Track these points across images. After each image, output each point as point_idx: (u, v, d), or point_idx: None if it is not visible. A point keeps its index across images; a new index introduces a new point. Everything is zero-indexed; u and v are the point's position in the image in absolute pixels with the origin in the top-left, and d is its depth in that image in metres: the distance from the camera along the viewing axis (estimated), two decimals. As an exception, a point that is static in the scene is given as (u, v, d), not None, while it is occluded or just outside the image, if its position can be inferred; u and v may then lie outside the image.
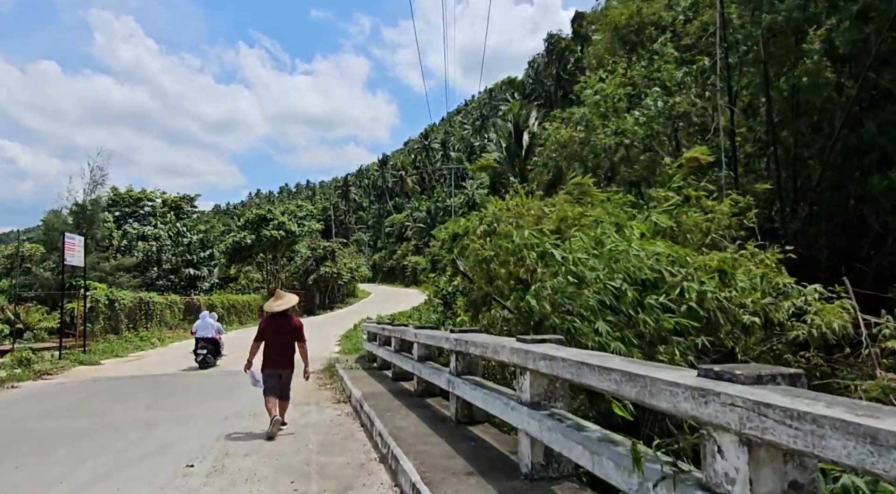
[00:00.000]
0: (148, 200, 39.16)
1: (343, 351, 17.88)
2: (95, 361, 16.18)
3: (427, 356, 7.25)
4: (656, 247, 4.06)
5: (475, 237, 8.45)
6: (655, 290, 3.91)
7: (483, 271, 8.33)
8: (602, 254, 3.97)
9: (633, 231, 4.21)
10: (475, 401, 4.63)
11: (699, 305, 3.89)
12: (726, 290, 4.17)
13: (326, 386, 10.46)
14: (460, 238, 9.97)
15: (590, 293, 3.92)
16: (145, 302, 22.72)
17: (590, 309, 3.89)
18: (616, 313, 3.99)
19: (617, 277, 4.19)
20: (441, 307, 11.70)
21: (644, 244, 4.06)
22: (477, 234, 8.59)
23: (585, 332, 3.79)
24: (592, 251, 4.09)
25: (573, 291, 3.97)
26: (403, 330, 8.12)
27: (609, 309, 3.88)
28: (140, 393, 10.36)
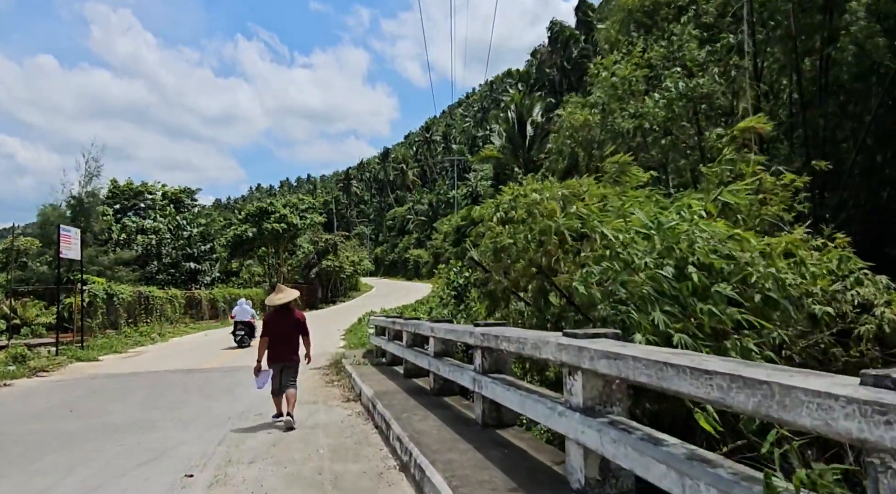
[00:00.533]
0: (148, 193, 38.60)
1: (348, 346, 17.39)
2: (93, 357, 15.71)
3: (444, 352, 6.74)
4: (719, 228, 3.52)
5: (492, 224, 7.90)
6: (720, 276, 3.38)
7: (500, 261, 7.80)
8: (659, 235, 3.42)
9: (692, 210, 3.67)
10: (509, 404, 4.11)
11: (769, 293, 3.37)
12: (795, 276, 3.64)
13: (334, 383, 9.96)
14: (474, 226, 9.44)
15: (642, 279, 3.39)
16: (145, 296, 22.23)
17: (642, 297, 3.36)
18: (672, 302, 3.46)
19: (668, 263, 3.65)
20: (453, 300, 11.16)
21: (708, 224, 3.52)
22: (493, 222, 8.05)
23: (642, 324, 3.26)
24: (648, 230, 3.55)
25: (625, 277, 3.43)
26: (418, 324, 7.60)
27: (665, 298, 3.35)
28: (137, 391, 9.87)
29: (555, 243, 6.73)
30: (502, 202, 8.31)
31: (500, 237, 7.70)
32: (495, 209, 8.28)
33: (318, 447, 5.50)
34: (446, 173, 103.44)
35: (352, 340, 18.63)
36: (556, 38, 50.07)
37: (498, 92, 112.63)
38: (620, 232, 3.86)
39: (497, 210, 8.24)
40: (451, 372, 5.75)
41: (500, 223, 7.94)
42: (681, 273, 3.39)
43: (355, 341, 17.98)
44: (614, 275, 3.56)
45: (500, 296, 7.74)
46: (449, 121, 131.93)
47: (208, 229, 37.10)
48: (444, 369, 6.10)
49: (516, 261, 7.27)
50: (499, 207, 8.26)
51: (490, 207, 8.39)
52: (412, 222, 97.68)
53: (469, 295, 11.30)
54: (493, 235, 7.86)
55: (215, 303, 29.32)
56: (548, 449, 4.10)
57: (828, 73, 10.85)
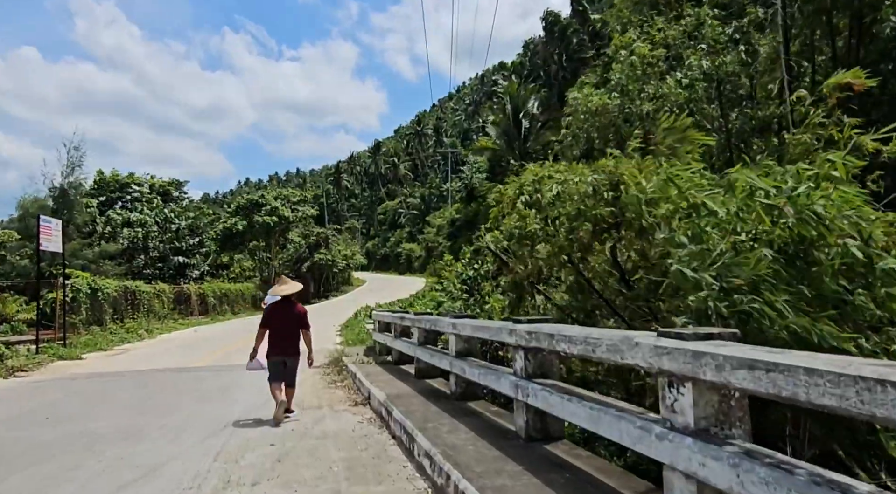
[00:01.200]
0: (135, 185, 37.43)
1: (346, 342, 16.64)
2: (76, 355, 14.84)
3: (467, 351, 6.03)
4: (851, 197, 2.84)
5: (519, 208, 7.18)
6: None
7: (523, 249, 7.10)
8: (793, 204, 2.71)
9: (803, 174, 3.00)
10: (572, 418, 3.40)
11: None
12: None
13: (337, 384, 9.22)
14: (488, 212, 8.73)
15: (764, 259, 2.68)
16: (131, 291, 21.30)
17: (762, 283, 2.65)
18: (797, 289, 2.76)
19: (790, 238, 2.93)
20: (465, 294, 10.42)
21: (844, 194, 2.84)
22: (518, 205, 7.33)
23: (772, 318, 2.55)
24: (768, 198, 2.86)
25: (739, 259, 2.73)
26: (435, 321, 6.87)
27: (789, 284, 2.67)
28: (123, 393, 9.08)
29: (587, 229, 6.03)
30: (525, 184, 7.59)
31: (527, 222, 7.00)
32: (517, 192, 7.55)
33: (331, 463, 4.77)
34: (438, 166, 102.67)
35: (349, 336, 17.88)
36: (551, 28, 49.25)
37: (489, 85, 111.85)
38: (721, 205, 3.16)
39: (520, 193, 7.53)
40: (481, 375, 5.03)
41: (526, 206, 7.24)
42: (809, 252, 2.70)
43: (353, 337, 17.24)
44: (717, 257, 2.86)
45: (525, 288, 7.03)
46: (440, 114, 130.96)
47: (197, 222, 36.09)
48: (470, 371, 5.39)
49: (543, 248, 6.57)
50: (522, 190, 7.54)
51: (511, 190, 7.66)
52: (404, 216, 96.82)
53: (482, 289, 10.58)
54: (517, 220, 7.16)
55: (205, 298, 28.41)
56: (618, 473, 3.40)
57: (859, 52, 10.23)
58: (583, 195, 6.23)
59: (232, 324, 25.56)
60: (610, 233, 6.03)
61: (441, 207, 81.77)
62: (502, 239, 9.70)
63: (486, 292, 9.75)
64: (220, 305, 29.76)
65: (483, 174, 47.09)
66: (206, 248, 36.46)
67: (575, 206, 6.33)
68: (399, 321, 9.14)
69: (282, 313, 6.90)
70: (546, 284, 7.48)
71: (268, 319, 6.88)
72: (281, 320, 6.84)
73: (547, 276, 7.31)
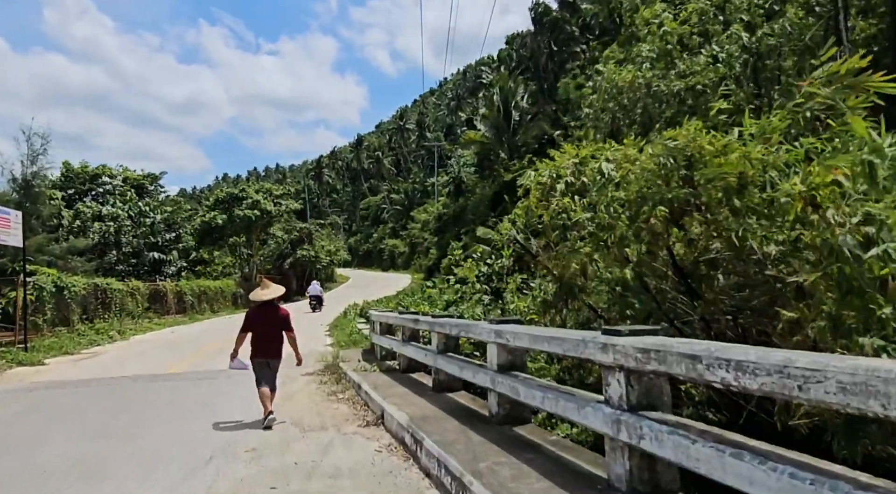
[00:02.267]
0: (108, 177, 35.49)
1: (338, 344, 15.42)
2: (38, 361, 13.39)
3: (511, 364, 4.91)
4: None
5: (557, 195, 6.08)
6: None
7: (571, 243, 6.00)
8: None
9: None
10: (739, 484, 2.30)
11: None
12: None
13: (338, 396, 8.04)
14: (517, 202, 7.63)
15: None
16: (101, 289, 19.73)
17: None
18: None
19: None
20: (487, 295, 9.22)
21: None
22: (556, 192, 6.23)
23: None
24: None
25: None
26: (467, 326, 5.72)
27: None
28: (87, 407, 7.79)
29: (662, 214, 4.96)
30: (562, 167, 6.48)
31: (569, 211, 5.91)
32: (552, 177, 6.44)
33: (356, 518, 3.63)
34: (422, 161, 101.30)
35: (340, 337, 16.65)
36: (540, 20, 48.28)
37: (471, 81, 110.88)
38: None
39: (556, 178, 6.42)
40: (553, 400, 3.89)
41: (567, 194, 6.14)
42: None
43: (345, 338, 16.02)
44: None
45: (573, 289, 5.93)
46: (422, 109, 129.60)
47: (174, 216, 34.35)
48: (528, 393, 4.28)
49: (601, 239, 5.48)
50: (559, 173, 6.43)
51: (545, 175, 6.53)
52: (387, 212, 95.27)
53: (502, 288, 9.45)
54: (559, 209, 6.06)
55: (182, 296, 26.83)
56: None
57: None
58: (649, 174, 5.15)
59: (211, 324, 24.06)
60: (686, 220, 4.98)
61: (425, 203, 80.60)
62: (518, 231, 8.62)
63: (510, 289, 8.62)
64: (198, 304, 28.19)
65: (471, 168, 45.98)
66: (184, 244, 34.71)
67: (638, 189, 5.26)
68: (411, 324, 7.97)
69: (264, 316, 6.80)
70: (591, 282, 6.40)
71: (249, 323, 6.76)
72: (263, 323, 6.76)
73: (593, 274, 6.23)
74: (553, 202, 6.38)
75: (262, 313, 6.84)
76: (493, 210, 40.87)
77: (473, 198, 43.90)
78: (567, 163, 6.20)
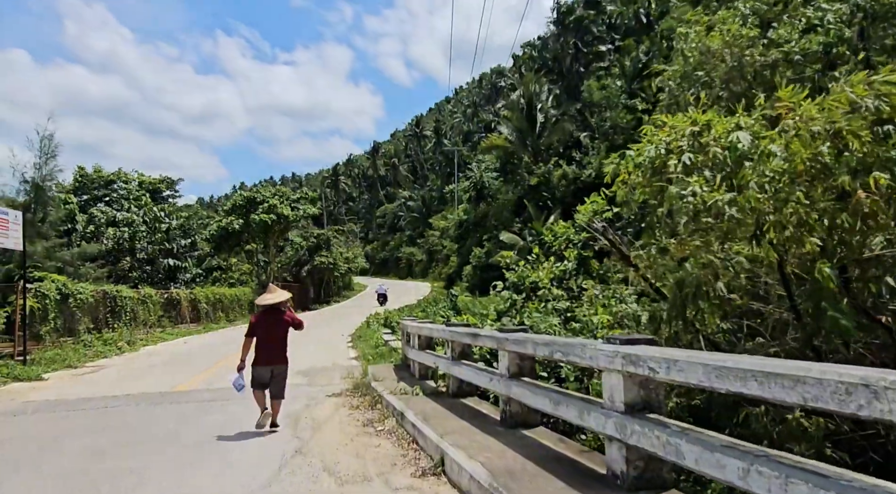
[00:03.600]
0: (122, 182, 34.64)
1: (363, 357, 13.99)
2: (37, 375, 12.13)
3: (645, 404, 3.42)
4: None
5: (676, 174, 4.58)
6: None
7: (698, 234, 4.49)
8: None
9: None
10: None
11: None
12: None
13: (375, 427, 6.57)
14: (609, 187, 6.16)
15: None
16: (111, 296, 18.55)
17: None
18: None
19: None
20: (563, 302, 7.60)
21: None
22: (672, 171, 4.73)
23: None
24: None
25: None
26: (567, 345, 4.19)
27: None
28: (74, 439, 6.43)
29: (885, 183, 3.43)
30: (674, 139, 4.97)
31: (706, 194, 4.40)
32: (661, 152, 4.92)
33: None
34: (439, 168, 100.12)
35: (365, 350, 15.23)
36: (564, 20, 46.85)
37: (487, 88, 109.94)
38: None
39: (667, 151, 4.91)
40: (762, 478, 2.39)
41: (692, 171, 4.64)
42: None
43: (371, 351, 14.58)
44: None
45: (707, 295, 4.39)
46: (438, 116, 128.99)
47: (189, 222, 33.32)
48: (694, 452, 2.77)
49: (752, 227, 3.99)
50: (671, 148, 4.92)
51: (648, 152, 5.01)
52: (404, 219, 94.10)
53: (577, 296, 7.92)
54: (682, 192, 4.56)
55: (197, 305, 25.61)
56: None
57: None
58: (848, 127, 3.65)
59: (225, 334, 22.79)
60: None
61: (442, 210, 79.36)
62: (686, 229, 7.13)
63: (587, 299, 7.09)
64: (213, 312, 26.96)
65: (493, 172, 44.50)
66: (199, 250, 33.64)
67: (806, 158, 3.77)
68: (466, 339, 6.48)
69: (269, 322, 6.73)
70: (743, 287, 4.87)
71: (254, 328, 6.68)
72: (268, 329, 6.67)
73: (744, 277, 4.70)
74: (655, 185, 4.89)
75: (268, 318, 6.74)
76: (517, 215, 39.39)
77: (496, 203, 42.37)
78: (685, 132, 4.71)
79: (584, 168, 37.10)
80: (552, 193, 37.00)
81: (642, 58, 34.32)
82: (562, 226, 9.34)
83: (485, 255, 38.76)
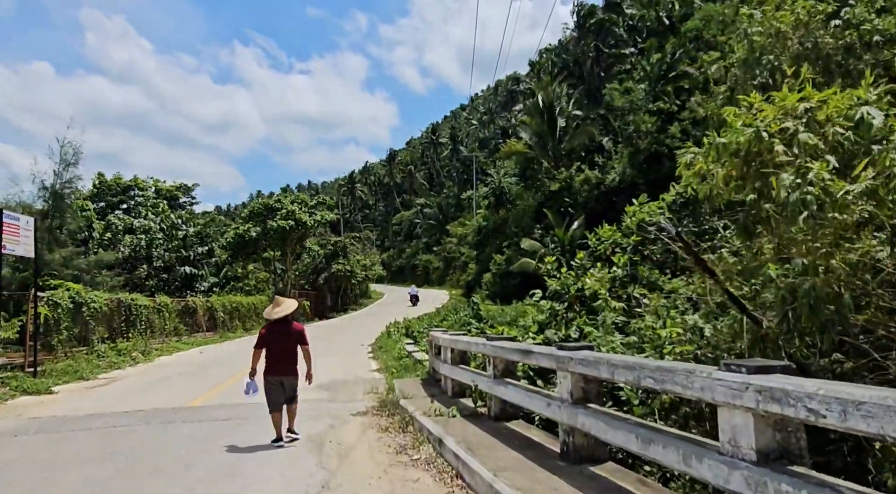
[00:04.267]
0: (139, 189, 34.48)
1: (385, 369, 13.25)
2: (46, 388, 11.55)
3: (782, 451, 2.61)
4: None
5: (789, 157, 3.77)
6: None
7: (833, 232, 3.67)
8: None
9: None
10: None
11: None
12: None
13: (410, 455, 5.79)
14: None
15: None
16: (125, 305, 18.05)
17: None
18: None
19: None
20: (620, 315, 6.73)
21: None
22: (767, 157, 3.92)
23: None
24: None
25: None
26: (668, 370, 3.30)
27: None
28: (77, 466, 5.76)
29: None
30: (772, 122, 4.15)
31: (834, 185, 3.59)
32: (761, 135, 4.10)
33: None
34: (455, 175, 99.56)
35: (388, 361, 14.48)
36: (584, 23, 46.10)
37: (503, 94, 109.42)
38: None
39: (766, 134, 4.09)
40: None
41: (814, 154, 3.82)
42: None
43: (394, 363, 13.84)
44: None
45: (820, 311, 3.57)
46: (454, 124, 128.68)
47: (206, 229, 32.98)
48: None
49: None
50: (768, 128, 4.11)
51: (739, 137, 4.19)
52: (420, 226, 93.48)
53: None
54: (799, 181, 3.75)
55: (213, 313, 25.09)
56: None
57: None
58: None
59: (242, 343, 22.19)
60: None
61: (459, 217, 78.69)
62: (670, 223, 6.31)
63: (651, 312, 6.26)
64: (229, 321, 26.44)
65: (512, 178, 43.71)
66: (216, 258, 33.26)
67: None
68: (515, 356, 5.68)
69: (278, 333, 6.74)
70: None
71: (263, 339, 6.71)
72: (277, 340, 6.70)
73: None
74: (755, 174, 4.08)
75: (276, 329, 6.75)
76: (537, 221, 38.48)
77: (516, 208, 41.53)
78: (794, 108, 3.90)
79: (608, 173, 36.17)
80: (574, 199, 36.07)
81: (668, 59, 33.40)
82: (607, 229, 8.53)
83: (505, 262, 37.88)
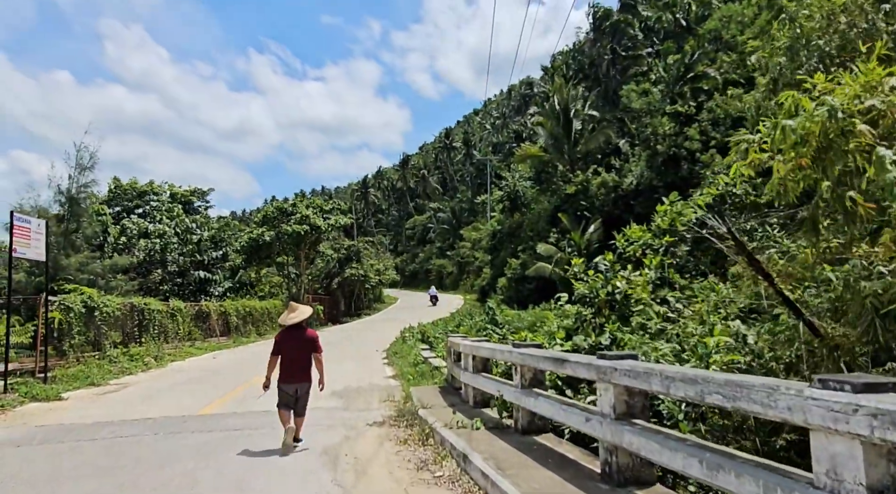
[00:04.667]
0: (154, 194, 34.52)
1: (401, 376, 12.84)
2: (56, 395, 11.30)
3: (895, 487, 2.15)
4: None
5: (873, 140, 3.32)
6: None
7: None
8: None
9: None
10: None
11: None
12: None
13: (432, 471, 5.35)
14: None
15: None
16: (138, 309, 17.84)
17: None
18: None
19: None
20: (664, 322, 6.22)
21: None
22: (848, 139, 3.46)
23: None
24: None
25: None
26: (764, 387, 2.91)
27: None
28: (78, 481, 5.40)
29: None
30: (850, 103, 3.68)
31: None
32: (839, 113, 3.63)
33: None
34: (469, 179, 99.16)
35: (404, 368, 14.06)
36: (600, 25, 45.55)
37: (517, 99, 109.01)
38: None
39: (846, 117, 3.63)
40: None
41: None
42: None
43: (410, 370, 13.40)
44: None
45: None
46: (467, 128, 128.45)
47: (221, 233, 32.87)
48: None
49: None
50: (848, 113, 3.64)
51: (813, 118, 3.72)
52: (434, 231, 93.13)
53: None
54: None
55: (227, 318, 24.88)
56: None
57: None
58: None
59: (255, 349, 21.93)
60: None
61: (473, 221, 78.25)
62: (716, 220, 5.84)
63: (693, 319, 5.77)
64: (243, 325, 26.21)
65: (527, 181, 43.20)
66: (231, 262, 33.13)
67: None
68: (547, 365, 5.22)
69: (292, 339, 6.77)
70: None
71: (278, 346, 6.75)
72: (291, 346, 6.73)
73: None
74: (835, 160, 3.61)
75: (291, 336, 6.78)
76: (553, 225, 37.92)
77: (531, 212, 41.00)
78: (880, 84, 3.44)
79: (625, 176, 35.51)
80: (591, 202, 35.46)
81: (686, 61, 32.76)
82: (636, 229, 8.06)
83: (520, 267, 37.32)
